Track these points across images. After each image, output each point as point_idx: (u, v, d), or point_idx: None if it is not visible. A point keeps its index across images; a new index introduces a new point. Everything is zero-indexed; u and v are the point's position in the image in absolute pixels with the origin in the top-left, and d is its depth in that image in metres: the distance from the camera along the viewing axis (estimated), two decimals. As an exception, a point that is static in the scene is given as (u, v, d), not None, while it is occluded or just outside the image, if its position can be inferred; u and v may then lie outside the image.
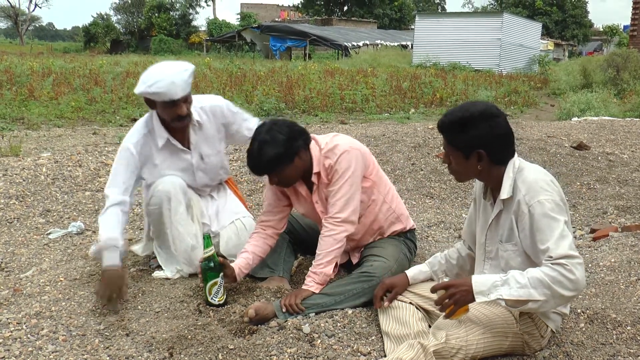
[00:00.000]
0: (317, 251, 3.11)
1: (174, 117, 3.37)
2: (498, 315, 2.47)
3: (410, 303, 2.74)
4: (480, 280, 2.34)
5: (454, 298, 2.35)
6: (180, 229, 3.42)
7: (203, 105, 3.61)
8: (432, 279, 2.91)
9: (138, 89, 3.31)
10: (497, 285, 2.30)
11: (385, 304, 2.78)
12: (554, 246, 2.24)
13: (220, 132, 3.69)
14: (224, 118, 3.66)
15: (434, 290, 2.46)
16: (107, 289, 3.03)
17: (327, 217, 3.12)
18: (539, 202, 2.31)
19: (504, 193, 2.43)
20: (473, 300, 2.33)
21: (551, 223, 2.28)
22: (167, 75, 3.26)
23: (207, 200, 3.77)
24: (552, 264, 2.23)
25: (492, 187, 2.55)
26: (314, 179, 3.14)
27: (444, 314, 2.40)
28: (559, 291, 2.21)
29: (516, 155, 2.50)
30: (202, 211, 3.67)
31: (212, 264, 2.98)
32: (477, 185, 2.72)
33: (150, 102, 3.39)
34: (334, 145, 3.11)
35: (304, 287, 3.03)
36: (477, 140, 2.41)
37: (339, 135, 3.21)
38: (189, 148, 3.57)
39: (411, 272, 2.88)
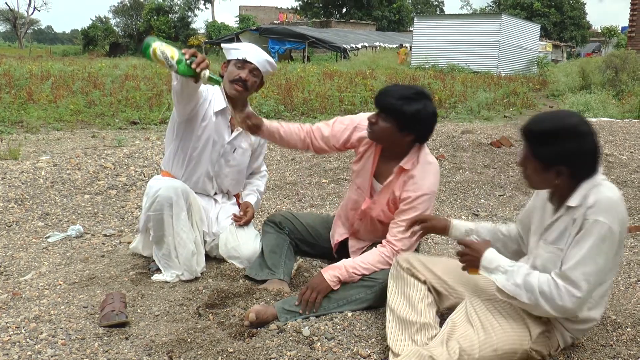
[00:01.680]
0: (361, 256, 3.07)
1: (236, 77, 3.51)
2: (514, 330, 2.40)
3: (425, 282, 2.67)
4: (490, 257, 2.40)
5: (465, 258, 2.45)
6: (182, 235, 3.41)
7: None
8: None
9: (225, 45, 3.64)
10: (498, 270, 2.35)
11: (416, 227, 2.83)
12: (573, 265, 2.22)
13: (252, 147, 3.84)
14: (259, 140, 3.84)
15: (459, 242, 2.55)
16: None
17: (390, 238, 3.03)
18: (597, 221, 2.23)
19: (574, 201, 2.33)
20: (478, 269, 2.43)
21: (592, 247, 2.23)
22: (254, 46, 3.63)
23: (211, 204, 3.78)
24: (552, 278, 2.24)
25: (561, 197, 2.44)
26: (396, 171, 3.06)
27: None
28: (543, 305, 2.24)
29: (600, 172, 2.38)
30: (202, 217, 3.66)
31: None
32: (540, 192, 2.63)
33: (225, 66, 3.61)
34: (424, 175, 3.02)
35: (325, 275, 2.96)
36: (562, 156, 2.30)
37: (432, 167, 3.08)
38: (232, 132, 3.69)
39: (455, 221, 2.88)
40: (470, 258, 2.44)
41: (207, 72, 2.97)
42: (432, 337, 2.50)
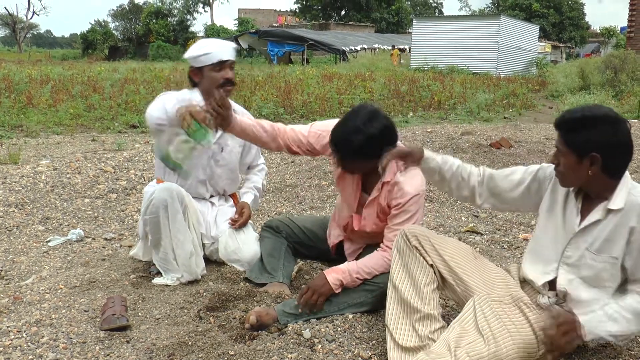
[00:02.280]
0: (363, 260, 3.03)
1: (221, 81, 3.44)
2: (524, 340, 2.34)
3: (432, 265, 2.57)
4: (587, 323, 2.25)
5: (564, 339, 2.27)
6: (179, 236, 3.40)
7: (236, 108, 3.64)
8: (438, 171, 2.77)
9: (188, 54, 3.47)
10: (606, 327, 2.24)
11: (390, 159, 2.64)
12: None
13: (239, 140, 3.73)
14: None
15: (544, 331, 2.34)
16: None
17: (387, 242, 3.01)
18: None
19: (616, 203, 2.31)
20: (581, 339, 2.26)
21: None
22: (213, 41, 3.53)
23: (208, 207, 3.76)
24: None
25: (593, 194, 2.42)
26: (378, 186, 3.06)
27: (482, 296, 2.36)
28: None
29: (628, 173, 2.38)
30: (199, 219, 3.65)
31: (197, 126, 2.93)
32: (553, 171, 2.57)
33: (195, 74, 3.50)
34: (407, 180, 3.01)
35: (329, 277, 2.94)
36: (596, 142, 2.28)
37: (413, 170, 3.01)
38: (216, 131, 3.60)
39: (427, 153, 2.74)
40: (568, 335, 2.24)
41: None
42: (435, 330, 2.45)
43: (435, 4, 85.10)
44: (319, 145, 3.17)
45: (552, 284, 2.50)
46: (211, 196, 3.81)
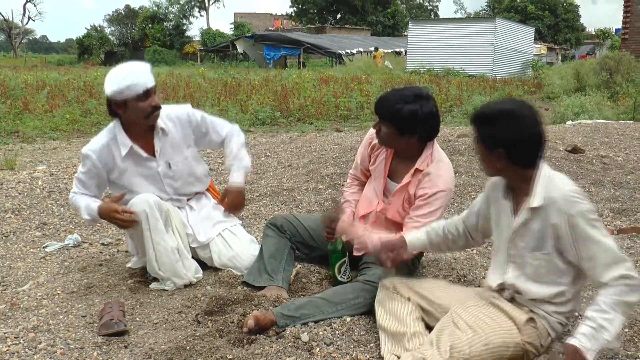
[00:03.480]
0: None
1: (149, 110, 3.39)
2: (501, 326, 2.45)
3: (409, 299, 2.72)
4: (589, 345, 2.23)
5: None
6: (162, 243, 3.36)
7: (169, 113, 3.62)
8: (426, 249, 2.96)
9: (109, 89, 3.31)
10: (597, 337, 2.23)
11: (389, 263, 2.75)
12: (605, 257, 2.29)
13: (187, 139, 3.68)
14: (190, 123, 3.68)
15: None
16: (112, 219, 3.35)
17: (411, 214, 3.11)
18: (581, 211, 2.30)
19: (535, 201, 2.39)
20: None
21: (595, 232, 2.30)
22: (131, 69, 3.37)
23: (187, 212, 3.73)
24: (612, 279, 2.26)
25: (516, 189, 2.53)
26: (411, 172, 3.14)
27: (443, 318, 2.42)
28: (632, 300, 2.26)
29: (544, 162, 2.46)
30: (183, 222, 3.63)
31: (337, 247, 3.27)
32: (494, 181, 2.68)
33: (118, 106, 3.39)
34: (439, 173, 3.10)
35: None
36: (499, 138, 2.40)
37: (446, 165, 3.18)
38: (153, 156, 3.56)
39: (409, 237, 2.86)
40: None
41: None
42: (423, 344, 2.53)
43: (430, 7, 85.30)
44: (366, 159, 3.41)
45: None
46: (188, 199, 3.77)
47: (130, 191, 3.50)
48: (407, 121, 3.00)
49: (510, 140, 2.38)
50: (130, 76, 3.30)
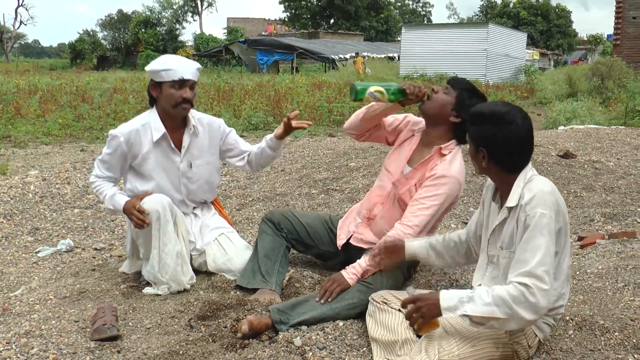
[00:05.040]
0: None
1: (180, 100, 3.45)
2: (487, 333, 2.47)
3: (400, 310, 2.72)
4: (447, 296, 2.36)
5: (421, 312, 2.38)
6: (169, 245, 3.41)
7: (201, 117, 3.72)
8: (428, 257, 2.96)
9: (150, 66, 3.47)
10: (463, 302, 2.32)
11: (379, 265, 2.89)
12: (537, 261, 2.28)
13: (213, 146, 3.74)
14: (220, 132, 3.75)
15: (403, 304, 2.48)
16: (130, 214, 3.38)
17: (408, 214, 3.16)
18: (537, 214, 2.33)
19: (511, 201, 2.45)
20: (440, 314, 2.35)
21: (539, 239, 2.31)
22: (177, 58, 3.54)
23: (191, 219, 3.75)
24: (518, 282, 2.27)
25: (501, 192, 2.58)
26: (435, 150, 3.23)
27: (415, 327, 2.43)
28: (520, 312, 2.25)
29: (529, 166, 2.51)
30: (188, 229, 3.66)
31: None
32: (488, 184, 2.73)
33: (154, 88, 3.50)
34: (454, 161, 3.19)
35: (346, 276, 3.07)
36: (482, 138, 2.48)
37: (460, 161, 3.25)
38: (180, 151, 3.61)
39: (410, 243, 2.93)
40: (427, 310, 2.36)
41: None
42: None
43: (423, 12, 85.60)
44: (394, 124, 3.55)
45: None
46: (194, 208, 3.80)
47: (148, 179, 3.56)
48: (466, 100, 3.17)
49: (492, 142, 2.46)
50: (172, 62, 3.44)
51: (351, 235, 3.44)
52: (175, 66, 3.41)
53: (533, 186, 2.41)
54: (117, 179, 3.62)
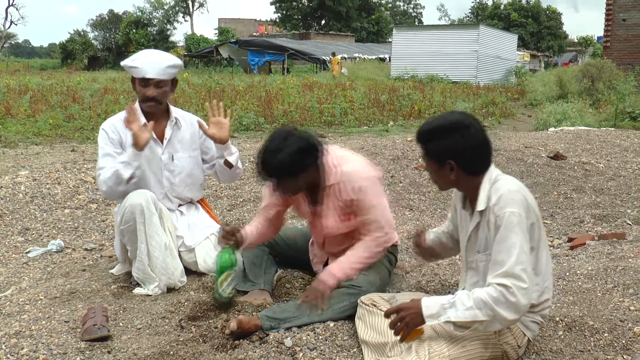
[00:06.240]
0: (351, 253, 3.13)
1: (143, 97, 3.55)
2: (477, 335, 2.48)
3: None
4: (429, 304, 2.37)
5: (405, 321, 2.39)
6: (156, 238, 3.42)
7: (183, 114, 3.80)
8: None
9: (123, 62, 3.58)
10: (445, 308, 2.35)
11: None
12: (513, 261, 2.29)
13: (194, 142, 3.78)
14: (201, 132, 3.72)
15: (386, 315, 2.48)
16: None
17: (366, 231, 3.15)
18: (506, 213, 2.35)
19: (480, 204, 2.46)
20: (423, 322, 2.37)
21: (512, 238, 2.32)
22: (150, 55, 3.56)
23: (177, 215, 3.77)
24: (497, 283, 2.29)
25: (470, 198, 2.58)
26: (324, 193, 3.14)
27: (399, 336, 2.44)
28: (501, 313, 2.27)
29: (492, 166, 2.53)
30: (174, 224, 3.67)
31: (227, 255, 3.15)
32: (456, 193, 2.76)
33: (132, 80, 3.61)
34: (346, 175, 3.08)
35: (324, 280, 3.02)
36: (447, 151, 2.45)
37: (348, 157, 3.18)
38: (162, 143, 3.66)
39: (431, 235, 3.05)
40: (410, 319, 2.37)
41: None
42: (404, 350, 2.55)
43: (415, 14, 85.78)
44: (273, 202, 3.34)
45: None
46: (179, 205, 3.81)
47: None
48: (288, 169, 2.95)
49: (459, 151, 2.44)
50: (142, 60, 3.49)
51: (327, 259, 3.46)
52: (140, 64, 3.48)
53: (499, 186, 2.43)
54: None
